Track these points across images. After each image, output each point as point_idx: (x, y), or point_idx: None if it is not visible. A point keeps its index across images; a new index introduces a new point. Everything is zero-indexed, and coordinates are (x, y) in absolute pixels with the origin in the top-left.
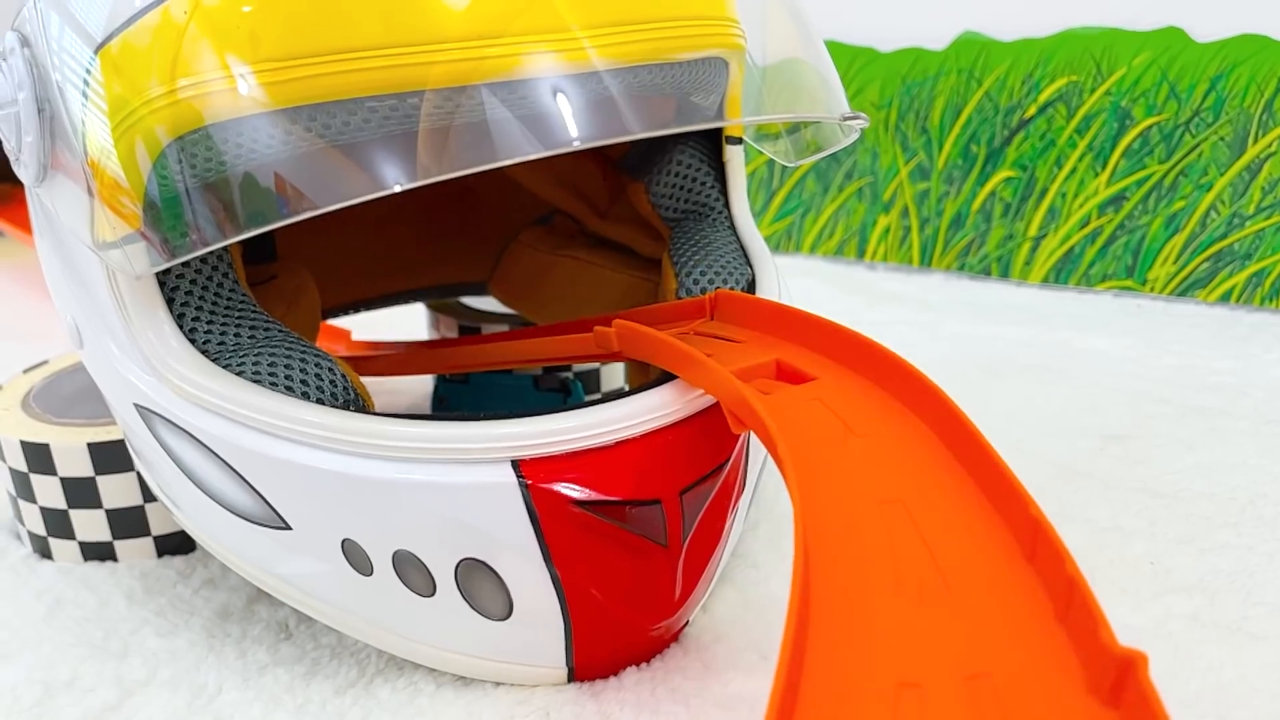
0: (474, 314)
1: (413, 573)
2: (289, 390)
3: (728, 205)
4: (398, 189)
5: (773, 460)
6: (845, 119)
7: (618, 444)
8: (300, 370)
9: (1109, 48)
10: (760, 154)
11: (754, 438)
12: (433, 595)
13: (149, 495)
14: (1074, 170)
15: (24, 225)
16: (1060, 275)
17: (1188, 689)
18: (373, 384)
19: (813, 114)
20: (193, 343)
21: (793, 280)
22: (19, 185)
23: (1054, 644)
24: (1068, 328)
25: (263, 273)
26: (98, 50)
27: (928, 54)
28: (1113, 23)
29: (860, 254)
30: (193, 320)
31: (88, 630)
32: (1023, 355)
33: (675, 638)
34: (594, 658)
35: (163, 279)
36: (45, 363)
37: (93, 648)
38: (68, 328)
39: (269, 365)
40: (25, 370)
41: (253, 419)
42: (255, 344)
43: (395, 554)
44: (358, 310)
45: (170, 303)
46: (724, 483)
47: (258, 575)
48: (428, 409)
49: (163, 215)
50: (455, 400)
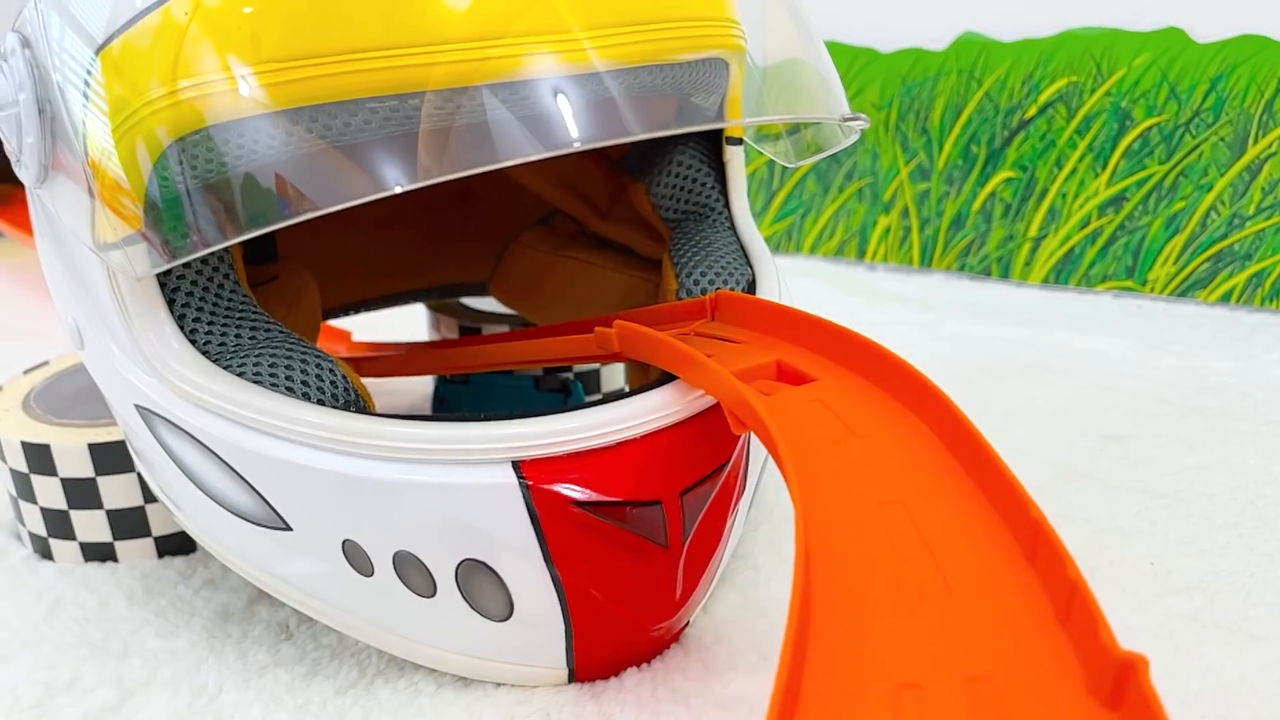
0: (474, 314)
1: (413, 573)
2: (289, 391)
3: (728, 206)
4: (399, 190)
5: (773, 461)
6: (845, 120)
7: (618, 445)
8: (301, 371)
9: (1109, 48)
10: (760, 154)
11: (754, 438)
12: (433, 596)
13: (149, 496)
14: (1074, 171)
15: (25, 226)
16: (1060, 276)
17: (1188, 689)
18: (373, 385)
19: (813, 115)
20: (193, 344)
21: (793, 281)
22: (20, 186)
23: (1054, 646)
24: (1068, 328)
25: (263, 273)
26: (99, 51)
27: (928, 54)
28: (1113, 23)
29: (860, 254)
30: (193, 321)
31: (88, 631)
32: (1023, 356)
33: (676, 638)
34: (594, 658)
35: (163, 280)
36: (46, 363)
37: (93, 648)
38: (68, 328)
39: (269, 366)
40: (26, 371)
41: (253, 420)
42: (256, 345)
43: (396, 555)
44: (358, 311)
45: (171, 304)
46: (724, 483)
47: (258, 576)
48: (428, 410)
49: (164, 216)
50: (456, 401)
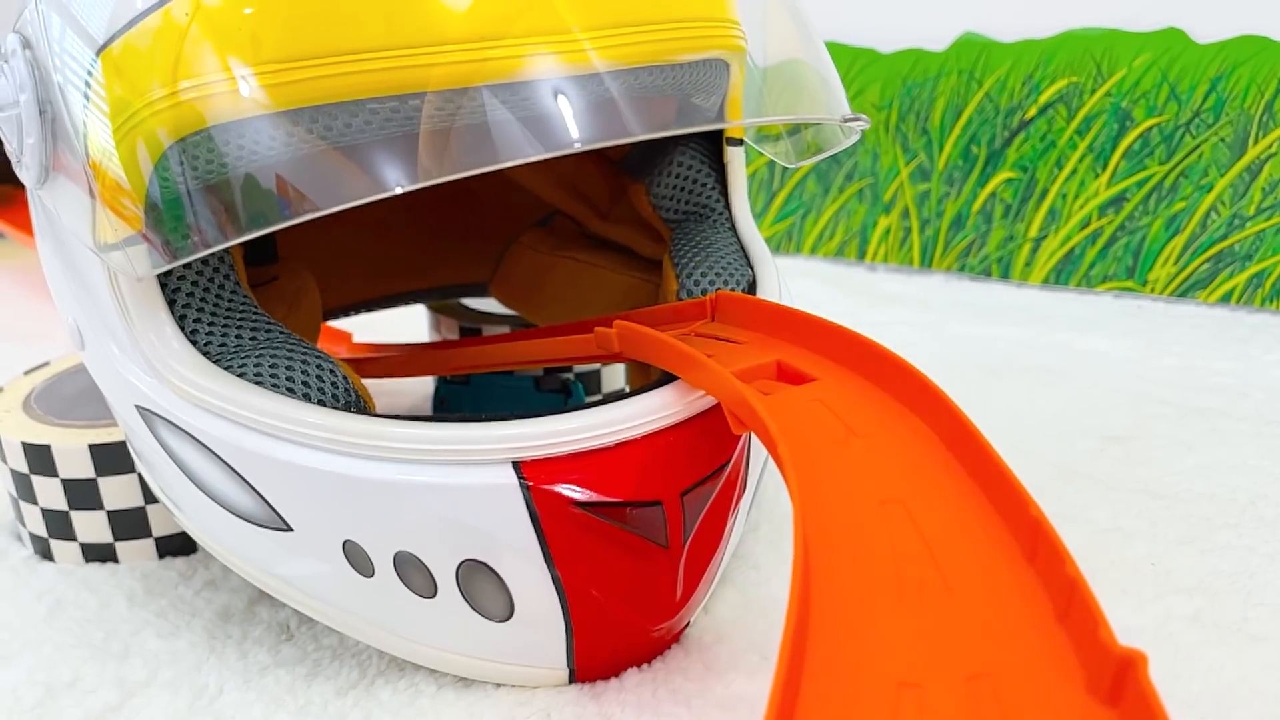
0: (475, 315)
1: (414, 574)
2: (290, 392)
3: (728, 206)
4: (399, 191)
5: (773, 461)
6: (846, 120)
7: (619, 445)
8: (301, 372)
9: (1109, 49)
10: (761, 155)
11: (755, 439)
12: (434, 596)
13: (150, 497)
14: (1074, 171)
15: (25, 227)
16: (1061, 276)
17: (1189, 690)
18: (374, 385)
19: (813, 115)
20: (194, 344)
21: (793, 281)
22: (20, 187)
23: (1054, 644)
24: (1068, 329)
25: (264, 274)
26: (99, 52)
27: (928, 55)
28: (1113, 24)
29: (861, 255)
30: (194, 322)
31: (89, 631)
32: (1023, 356)
33: (676, 639)
34: (595, 659)
35: (164, 280)
36: (46, 364)
37: (94, 649)
38: (69, 329)
39: (270, 367)
40: (26, 372)
41: (254, 420)
42: (256, 345)
43: (396, 555)
44: (359, 311)
45: (172, 304)
46: (725, 484)
47: (259, 576)
48: (429, 410)
49: (164, 217)
50: (456, 401)
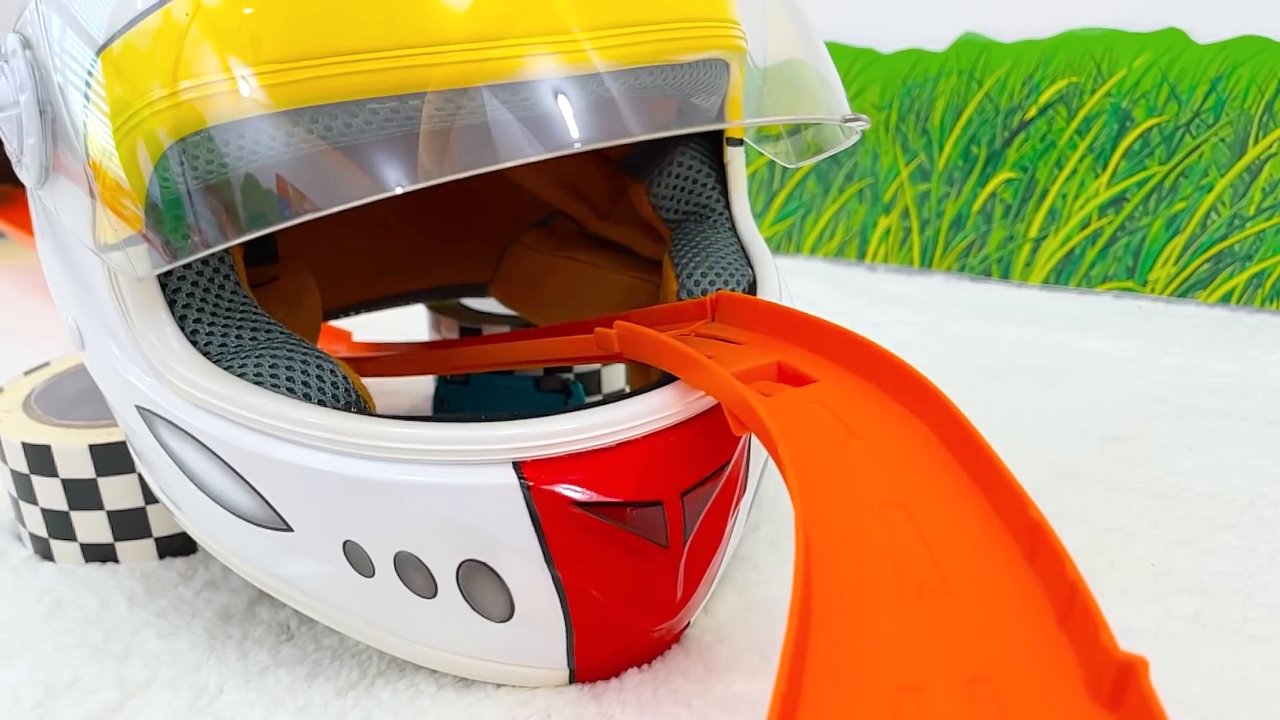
0: (475, 315)
1: (414, 574)
2: (290, 392)
3: (728, 206)
4: (399, 191)
5: (773, 462)
6: (846, 120)
7: (619, 445)
8: (301, 372)
9: (1109, 49)
10: (761, 155)
11: (755, 439)
12: (434, 597)
13: (150, 497)
14: (1074, 171)
15: (25, 227)
16: (1061, 276)
17: (1189, 690)
18: (374, 385)
19: (813, 116)
20: (194, 344)
21: (793, 281)
22: (20, 187)
23: (1054, 647)
24: (1068, 329)
25: (264, 274)
26: (99, 52)
27: (928, 55)
28: (1113, 24)
29: (861, 255)
30: (194, 322)
31: (89, 631)
32: (1023, 356)
33: (677, 639)
34: (595, 659)
35: (164, 281)
36: (47, 364)
37: (94, 649)
38: (69, 329)
39: (270, 367)
40: (27, 372)
41: (254, 420)
42: (256, 345)
43: (397, 555)
44: (359, 311)
45: (172, 304)
46: (725, 484)
47: (259, 577)
48: (429, 410)
49: (164, 217)
50: (456, 401)
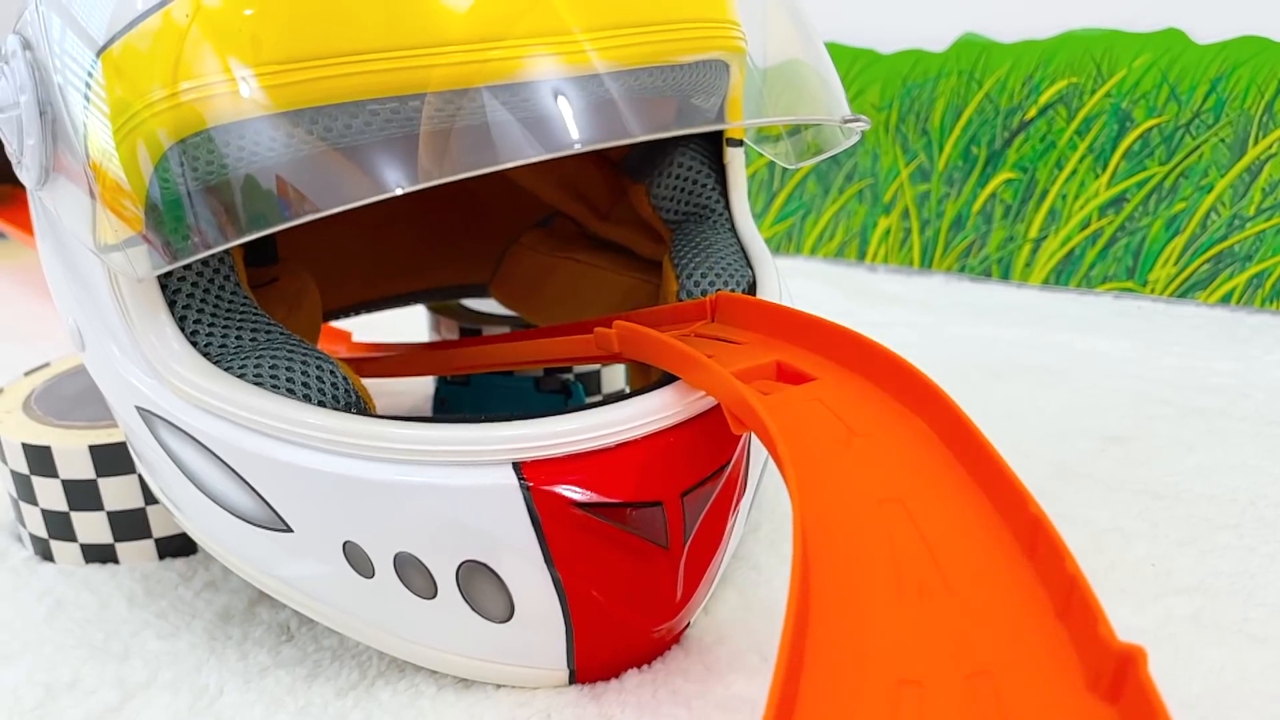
0: (475, 316)
1: (414, 575)
2: (290, 393)
3: (728, 207)
4: (399, 192)
5: (773, 461)
6: (846, 121)
7: (619, 446)
8: (301, 372)
9: (1109, 49)
10: (761, 156)
11: (755, 440)
12: (434, 597)
13: (150, 497)
14: (1074, 172)
15: (26, 227)
16: (1061, 277)
17: (1189, 691)
18: (374, 385)
19: (813, 116)
20: (194, 345)
21: (793, 282)
22: (21, 187)
23: (1054, 641)
24: (1068, 329)
25: (264, 275)
26: (99, 53)
27: (928, 56)
28: (1113, 24)
29: (861, 256)
30: (194, 323)
31: (89, 632)
32: (1023, 357)
33: (676, 639)
34: (595, 660)
35: (164, 281)
36: (47, 365)
37: (94, 650)
38: (69, 330)
39: (270, 368)
40: (27, 373)
41: (254, 421)
42: (256, 346)
43: (396, 556)
44: (359, 312)
45: (172, 305)
46: (725, 484)
47: (259, 577)
48: (429, 411)
49: (164, 218)
50: (456, 402)
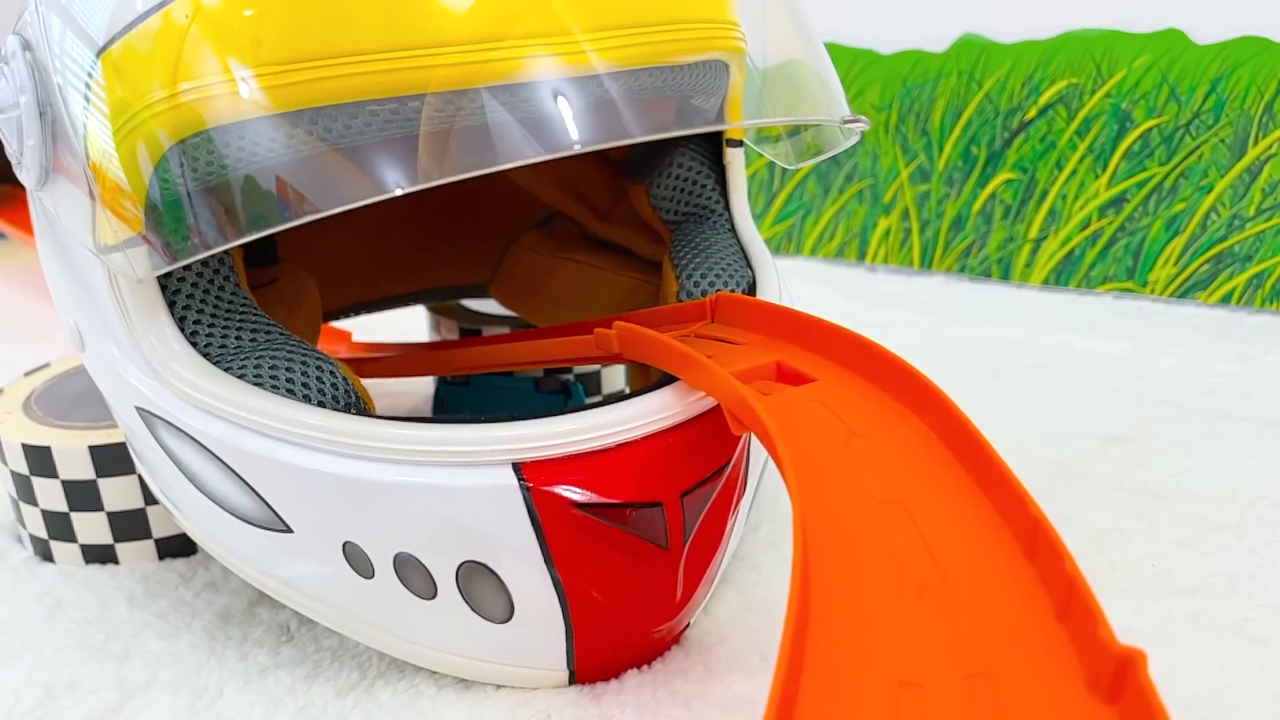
0: (475, 316)
1: (414, 575)
2: (290, 393)
3: (728, 207)
4: (399, 192)
5: (773, 462)
6: (845, 122)
7: (618, 446)
8: (301, 373)
9: (1109, 50)
10: (761, 156)
11: (755, 440)
12: (434, 598)
13: (150, 498)
14: (1074, 172)
15: (26, 227)
16: (1061, 277)
17: (1189, 691)
18: (374, 386)
19: (813, 117)
20: (194, 346)
21: (793, 282)
22: (21, 187)
23: (1054, 642)
24: (1068, 330)
25: (264, 276)
26: (99, 54)
27: (928, 56)
28: (1113, 25)
29: (861, 256)
30: (194, 323)
31: (89, 633)
32: (1023, 357)
33: (676, 640)
34: (595, 660)
35: (164, 282)
36: (47, 365)
37: (94, 650)
38: (69, 331)
39: (270, 368)
40: (27, 373)
41: (254, 422)
42: (256, 347)
43: (396, 556)
44: (359, 313)
45: (172, 306)
46: (725, 485)
47: (259, 578)
48: (428, 411)
49: (164, 218)
50: (456, 402)
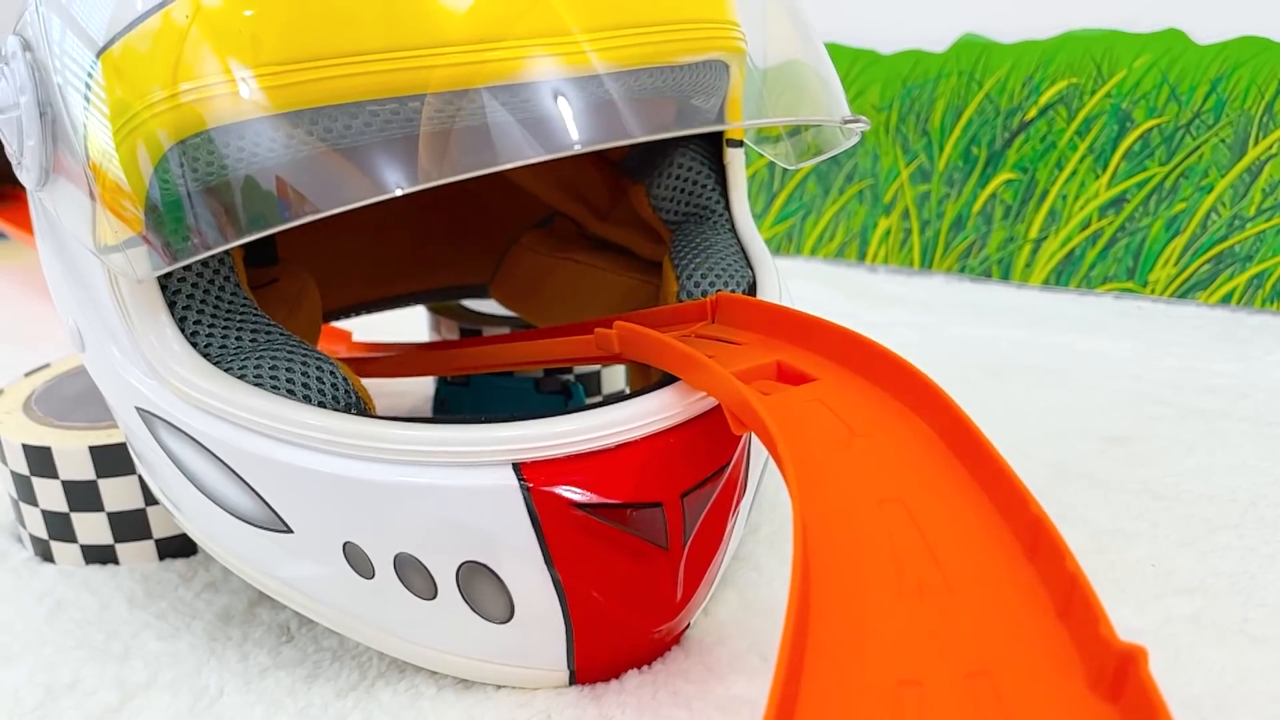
0: (475, 316)
1: (414, 576)
2: (290, 393)
3: (728, 208)
4: (399, 193)
5: (773, 461)
6: (846, 122)
7: (619, 447)
8: (301, 373)
9: (1109, 50)
10: (761, 156)
11: (755, 440)
12: (434, 598)
13: (150, 498)
14: (1075, 172)
15: (26, 227)
16: (1061, 277)
17: (1189, 691)
18: (374, 386)
19: (813, 117)
20: (194, 346)
21: (793, 283)
22: (21, 187)
23: (1054, 640)
24: (1069, 330)
25: (264, 276)
26: (99, 54)
27: (928, 56)
28: (1113, 25)
29: (861, 256)
30: (194, 324)
31: (89, 633)
32: (1023, 357)
33: (677, 640)
34: (595, 660)
35: (164, 282)
36: (47, 366)
37: (94, 650)
38: (69, 331)
39: (270, 368)
40: (27, 373)
41: (254, 422)
42: (257, 347)
43: (396, 557)
44: (359, 313)
45: (172, 306)
46: (725, 485)
47: (259, 578)
48: (429, 411)
49: (164, 219)
50: (456, 403)
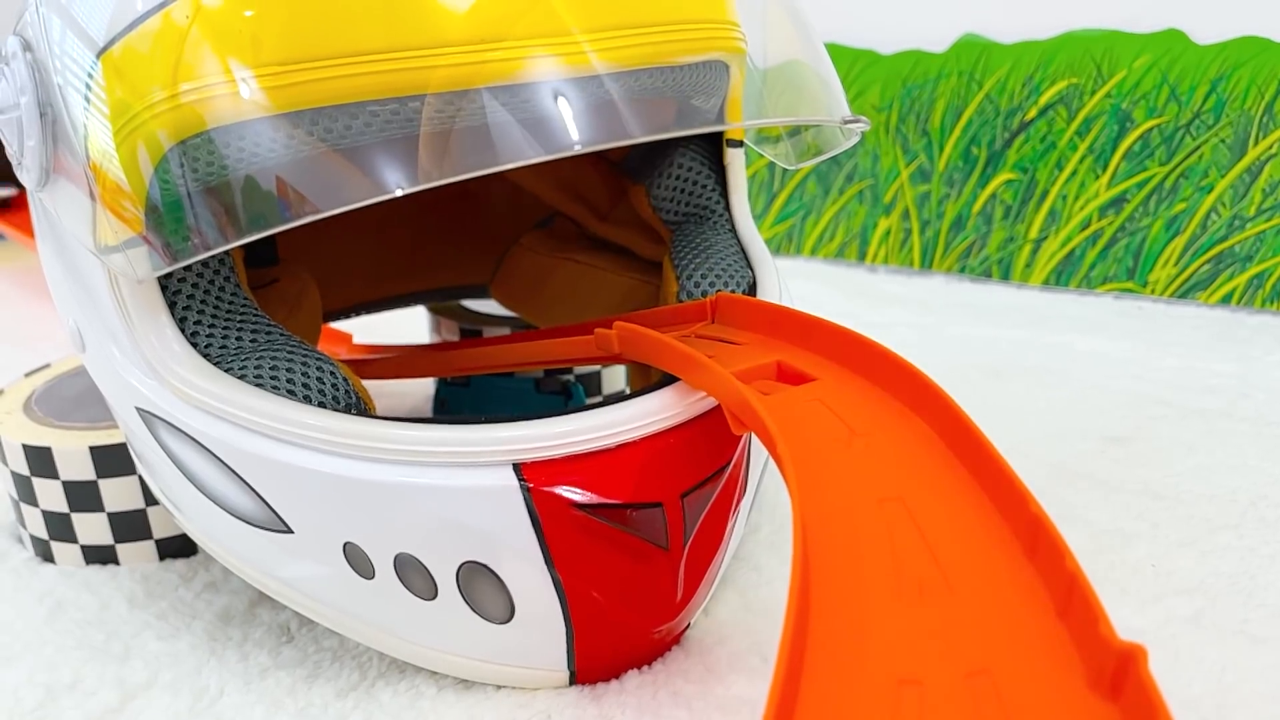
0: (475, 317)
1: (414, 576)
2: (290, 394)
3: (728, 208)
4: (399, 193)
5: (773, 461)
6: (846, 122)
7: (619, 447)
8: (302, 374)
9: (1109, 50)
10: (761, 156)
11: (755, 440)
12: (434, 598)
13: (151, 498)
14: (1074, 172)
15: (26, 229)
16: (1061, 277)
17: (1189, 692)
18: (374, 387)
19: (813, 117)
20: (194, 346)
21: (793, 283)
22: (21, 188)
23: (1054, 639)
24: (1069, 330)
25: (264, 276)
26: (100, 54)
27: (928, 56)
28: (1113, 25)
29: (861, 256)
30: (195, 324)
31: (89, 633)
32: (1024, 357)
33: (677, 640)
34: (595, 661)
35: (165, 283)
36: (47, 366)
37: (94, 651)
38: (70, 331)
39: (270, 369)
40: (27, 374)
41: (254, 422)
42: (257, 347)
43: (397, 557)
44: (359, 313)
45: (172, 306)
46: (725, 485)
47: (259, 578)
48: (429, 412)
49: (165, 219)
50: (456, 403)
